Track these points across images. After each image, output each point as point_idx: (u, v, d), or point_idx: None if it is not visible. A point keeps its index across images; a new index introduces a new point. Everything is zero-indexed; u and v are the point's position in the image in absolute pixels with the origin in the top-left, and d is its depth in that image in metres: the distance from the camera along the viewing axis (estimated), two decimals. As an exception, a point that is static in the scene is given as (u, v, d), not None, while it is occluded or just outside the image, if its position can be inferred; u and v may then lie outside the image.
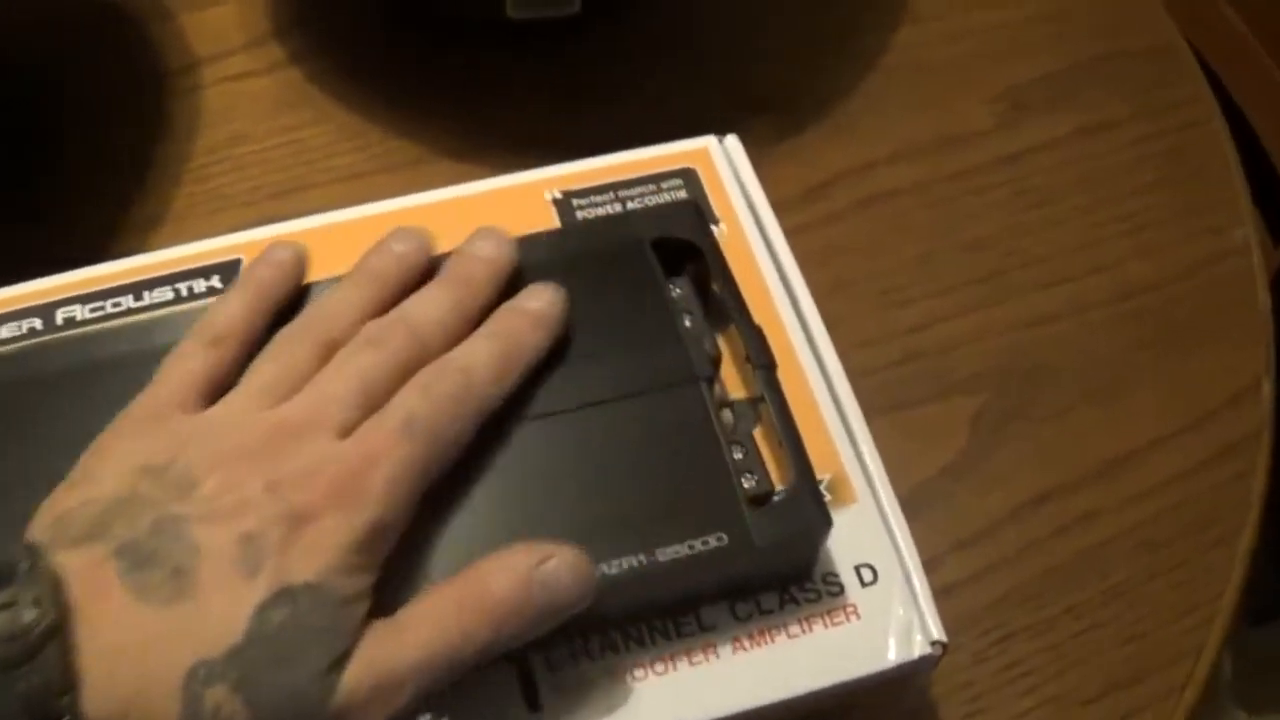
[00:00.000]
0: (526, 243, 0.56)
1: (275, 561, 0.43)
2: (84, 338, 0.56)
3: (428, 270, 0.54)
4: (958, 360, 0.72)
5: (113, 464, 0.46)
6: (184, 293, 0.58)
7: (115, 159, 0.81)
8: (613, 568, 0.48)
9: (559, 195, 0.61)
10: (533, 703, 0.49)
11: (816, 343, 0.57)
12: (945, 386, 0.71)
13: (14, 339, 0.57)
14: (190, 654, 0.41)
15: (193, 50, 0.85)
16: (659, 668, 0.50)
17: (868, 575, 0.52)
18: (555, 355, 0.53)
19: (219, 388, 0.49)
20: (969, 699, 0.62)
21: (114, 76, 0.85)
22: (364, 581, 0.44)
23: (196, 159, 0.80)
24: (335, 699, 0.42)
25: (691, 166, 0.62)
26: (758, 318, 0.55)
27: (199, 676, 0.41)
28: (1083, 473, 0.69)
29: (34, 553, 0.43)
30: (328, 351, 0.49)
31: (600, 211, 0.60)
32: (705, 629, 0.51)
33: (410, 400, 0.47)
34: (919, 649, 0.50)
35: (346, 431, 0.46)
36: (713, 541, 0.48)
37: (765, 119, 0.77)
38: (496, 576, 0.46)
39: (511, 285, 0.54)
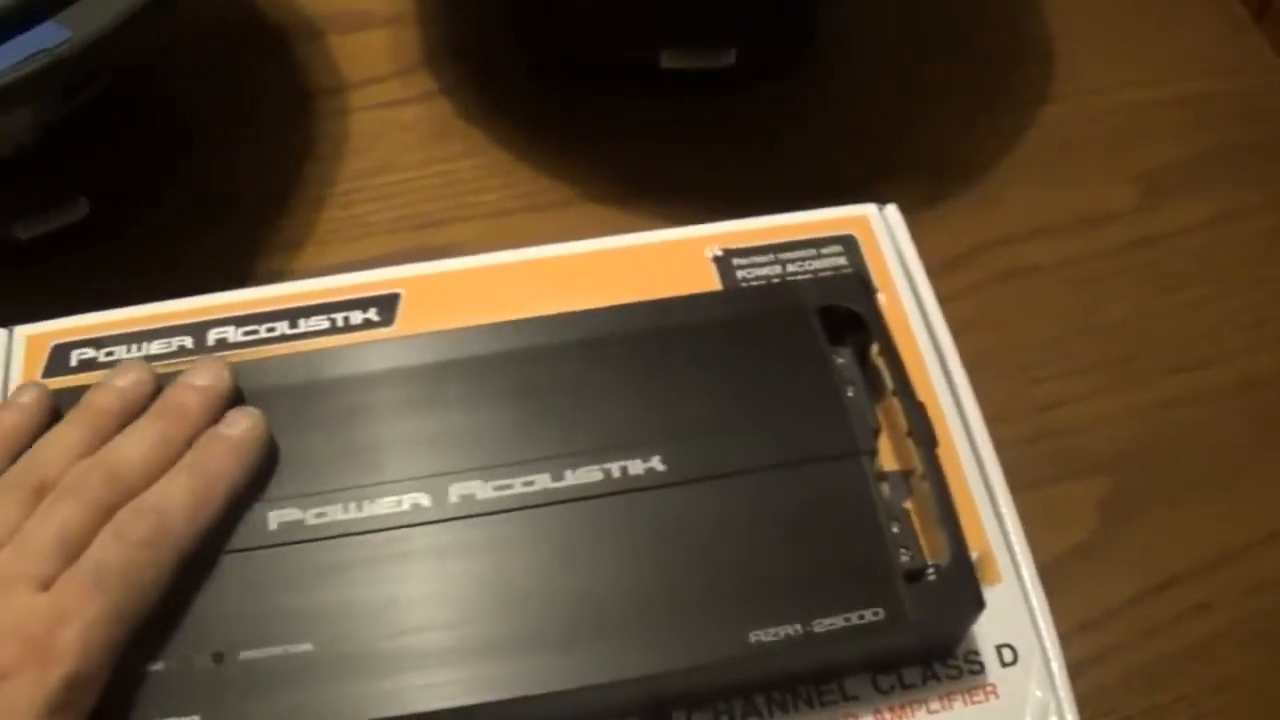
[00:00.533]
0: (688, 304, 0.57)
1: None
2: (244, 367, 0.56)
3: (148, 404, 0.53)
4: (1089, 441, 0.72)
5: None
6: (339, 323, 0.60)
7: (260, 179, 0.82)
8: (768, 635, 0.48)
9: (720, 253, 0.62)
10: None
11: (968, 418, 0.58)
12: (1076, 467, 0.71)
13: (163, 355, 0.58)
14: None
15: (341, 73, 0.87)
16: (800, 736, 0.50)
17: (1008, 655, 0.53)
18: (719, 419, 0.54)
19: None
20: (1084, 780, 0.62)
21: (261, 95, 0.86)
22: None
23: (342, 184, 0.81)
24: None
25: (852, 233, 0.62)
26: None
27: None
28: (1203, 562, 0.69)
29: None
30: (40, 496, 0.49)
31: (761, 272, 0.61)
32: (848, 699, 0.51)
33: (103, 550, 0.47)
34: (1054, 732, 0.51)
35: (46, 584, 0.46)
36: (869, 615, 0.49)
37: (910, 186, 0.78)
38: None
39: (663, 346, 0.56)
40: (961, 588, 0.50)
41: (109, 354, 0.58)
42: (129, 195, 0.78)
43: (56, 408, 0.54)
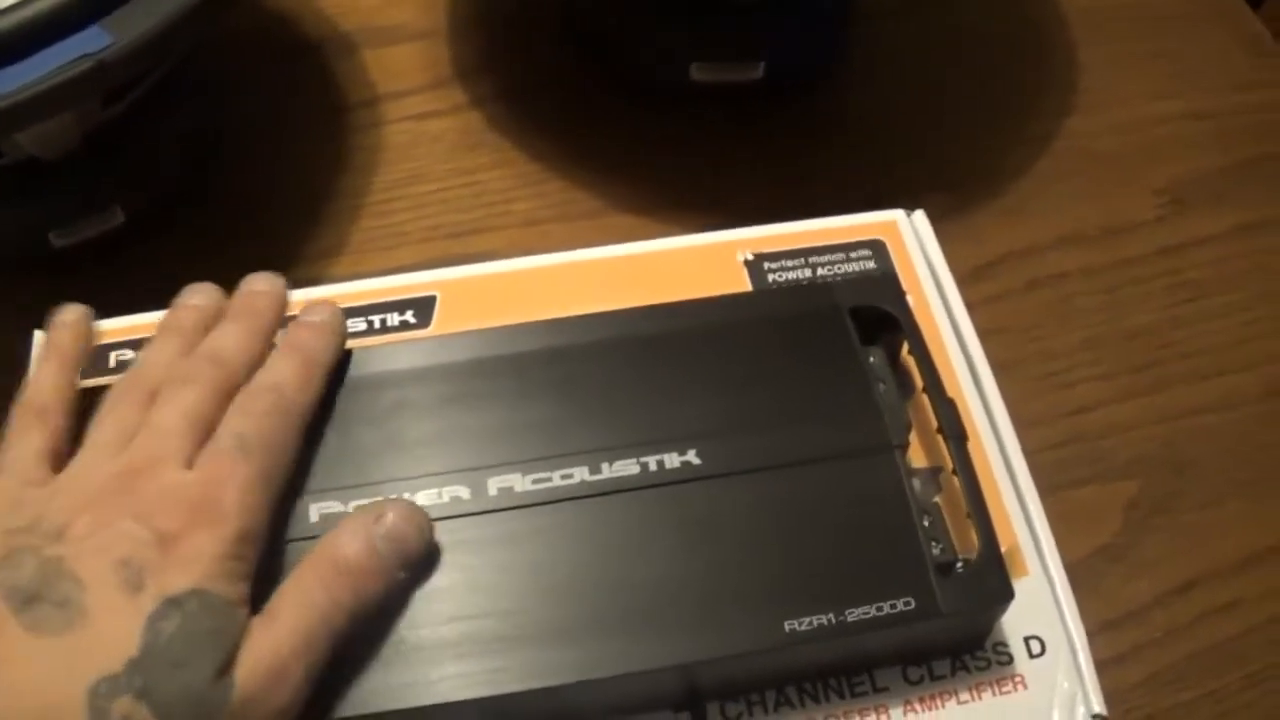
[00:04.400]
0: (723, 303, 0.58)
1: (155, 578, 0.45)
2: None
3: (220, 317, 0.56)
4: (1115, 446, 0.73)
5: None
6: (377, 325, 0.61)
7: (293, 189, 0.83)
8: (803, 624, 0.49)
9: (750, 257, 0.63)
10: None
11: (995, 418, 0.59)
12: (1102, 471, 0.72)
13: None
14: (90, 673, 0.43)
15: (374, 86, 0.88)
16: (831, 725, 0.51)
17: (1036, 647, 0.53)
18: (753, 414, 0.54)
19: (58, 455, 0.51)
20: (1111, 777, 0.63)
21: (294, 106, 0.87)
22: (240, 588, 0.47)
23: (375, 194, 0.82)
24: (233, 695, 0.44)
25: (880, 238, 0.63)
26: (942, 391, 0.57)
27: (101, 692, 0.43)
28: (1227, 564, 0.70)
29: None
30: (152, 400, 0.51)
31: (791, 275, 0.62)
32: (878, 690, 0.52)
33: (235, 424, 0.50)
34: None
35: (188, 462, 0.49)
36: (900, 605, 0.50)
37: (935, 196, 0.79)
38: (344, 543, 0.49)
39: (698, 344, 0.57)
40: (991, 578, 0.51)
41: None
42: (164, 204, 0.79)
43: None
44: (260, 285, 0.57)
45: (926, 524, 0.52)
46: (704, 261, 0.63)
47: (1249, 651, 0.67)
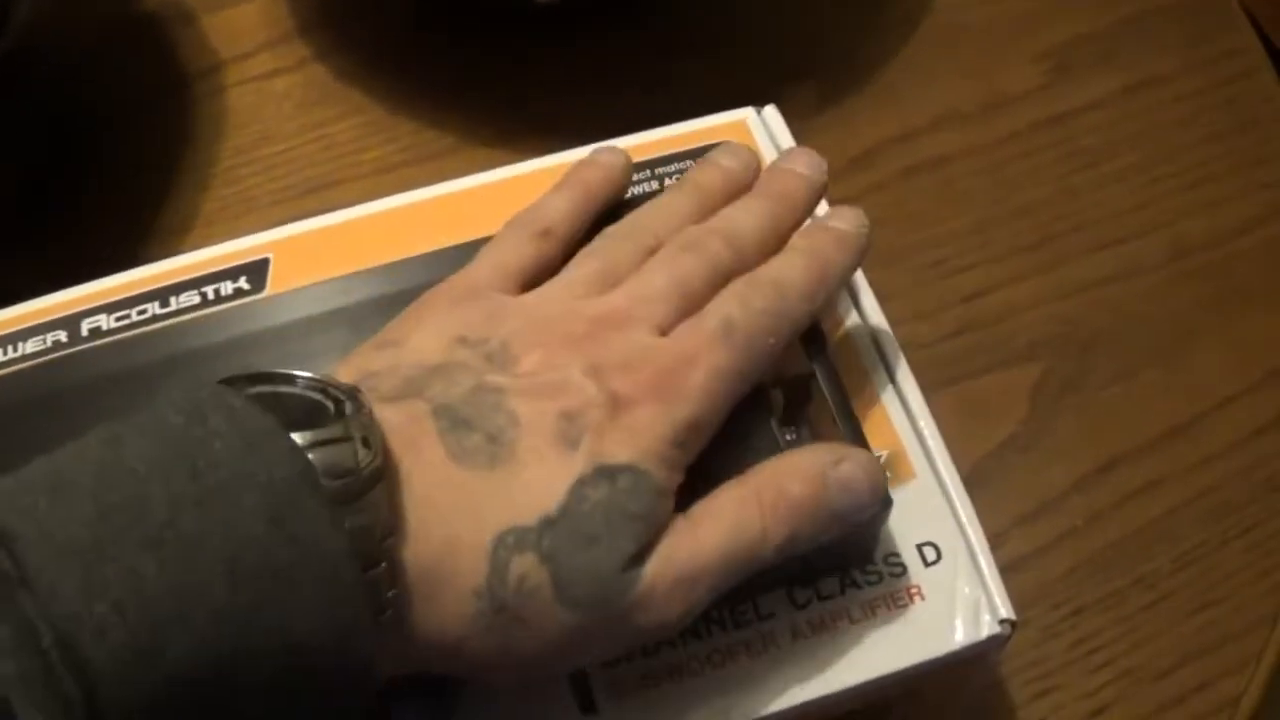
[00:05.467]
0: None
1: (594, 441, 0.43)
2: (110, 347, 0.55)
3: (749, 187, 0.54)
4: (1014, 329, 0.70)
5: (428, 331, 0.47)
6: (210, 296, 0.57)
7: (141, 164, 0.80)
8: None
9: (596, 175, 0.59)
10: (586, 704, 0.48)
11: (867, 315, 0.56)
12: (1003, 357, 0.69)
13: (39, 353, 0.56)
14: (503, 519, 0.41)
15: (216, 52, 0.84)
16: (716, 660, 0.48)
17: (930, 554, 0.50)
18: None
19: (536, 279, 0.50)
20: (1039, 676, 0.61)
21: (137, 81, 0.84)
22: (676, 477, 0.45)
23: (224, 161, 0.79)
24: (636, 589, 0.42)
25: (729, 140, 0.60)
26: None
27: (508, 543, 0.41)
28: (1147, 439, 0.67)
29: (355, 396, 0.41)
30: (648, 254, 0.50)
31: (640, 189, 0.59)
32: (763, 618, 0.49)
33: (728, 307, 0.47)
34: (987, 628, 0.49)
35: (663, 330, 0.47)
36: (770, 520, 0.46)
37: (802, 89, 0.76)
38: (794, 476, 0.46)
39: None
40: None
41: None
42: (9, 186, 0.76)
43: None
44: (803, 167, 0.54)
45: (791, 438, 0.50)
46: (549, 184, 0.59)
47: (1178, 530, 0.65)
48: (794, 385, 0.52)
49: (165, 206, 0.77)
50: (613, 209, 0.55)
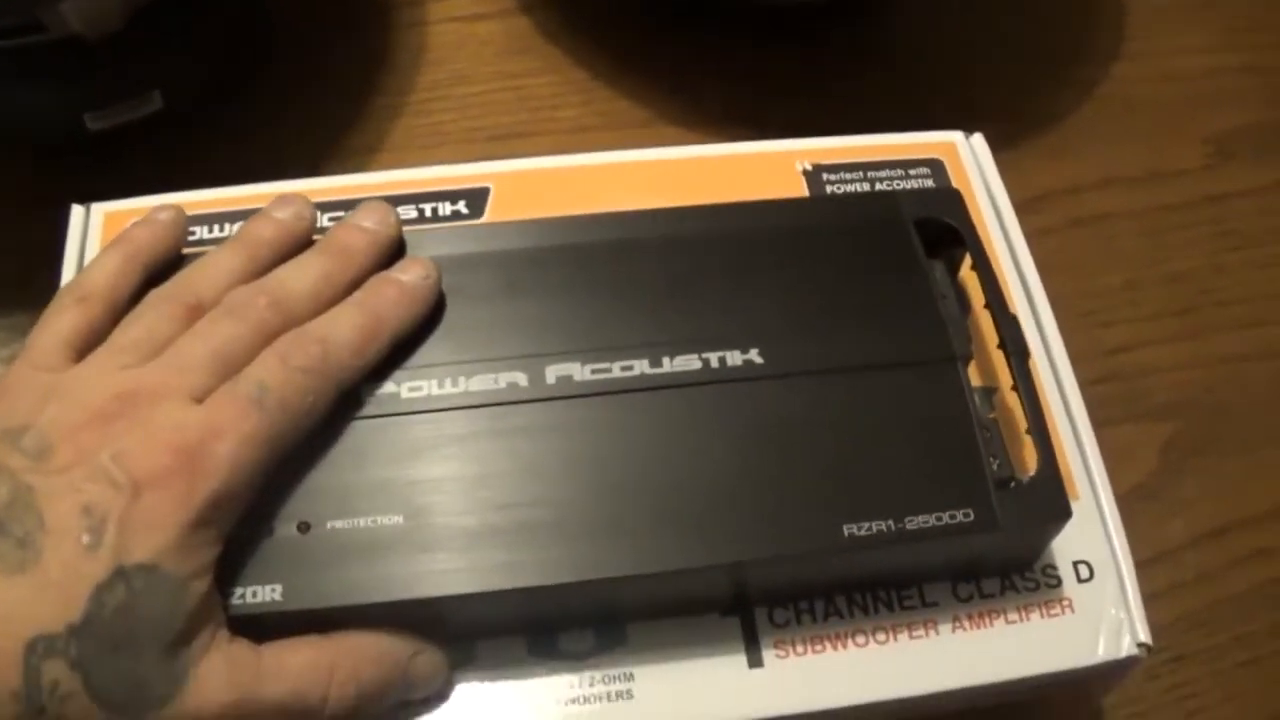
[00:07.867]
0: (788, 206, 0.58)
1: (116, 536, 0.42)
2: None
3: (307, 241, 0.54)
4: (1153, 387, 0.73)
5: None
6: (428, 213, 0.60)
7: (335, 85, 0.82)
8: (861, 529, 0.48)
9: (809, 167, 0.62)
10: (753, 658, 0.50)
11: (1049, 343, 0.58)
12: (1140, 410, 0.72)
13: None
14: (32, 626, 0.41)
15: (421, -16, 0.86)
16: (880, 637, 0.51)
17: (1084, 572, 0.53)
18: (817, 317, 0.54)
19: (88, 344, 0.49)
20: (1136, 714, 0.64)
21: (340, 1, 0.86)
22: (203, 557, 0.44)
23: (417, 93, 0.81)
24: (181, 690, 0.42)
25: (939, 158, 0.63)
26: (1002, 312, 0.56)
27: (38, 650, 0.41)
28: (1263, 510, 0.70)
29: None
30: (193, 315, 0.49)
31: (850, 188, 0.62)
32: (927, 605, 0.52)
33: (264, 370, 0.47)
34: (1127, 649, 0.51)
35: (200, 399, 0.46)
36: (960, 516, 0.49)
37: (982, 130, 0.78)
38: (372, 661, 0.46)
39: (762, 246, 0.56)
40: (1050, 495, 0.50)
41: (191, 234, 0.58)
42: (205, 93, 0.77)
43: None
44: (368, 221, 0.53)
45: (985, 439, 0.51)
46: (762, 169, 0.62)
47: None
48: (983, 393, 0.54)
49: (355, 128, 0.79)
50: (171, 264, 0.53)
